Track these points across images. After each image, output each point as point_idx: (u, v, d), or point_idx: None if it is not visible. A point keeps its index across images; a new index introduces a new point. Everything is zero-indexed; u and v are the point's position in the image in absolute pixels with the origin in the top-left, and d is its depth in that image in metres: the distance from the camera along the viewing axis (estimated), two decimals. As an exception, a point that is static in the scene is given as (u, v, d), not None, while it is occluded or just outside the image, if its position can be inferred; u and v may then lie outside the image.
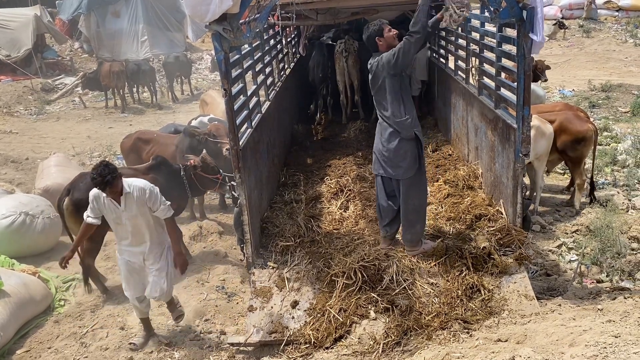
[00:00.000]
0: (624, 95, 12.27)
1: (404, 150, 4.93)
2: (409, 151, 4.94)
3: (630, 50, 18.13)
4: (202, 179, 6.14)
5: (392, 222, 5.23)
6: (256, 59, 6.60)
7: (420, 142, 5.01)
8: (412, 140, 4.93)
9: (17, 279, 5.38)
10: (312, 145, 8.83)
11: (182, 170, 6.12)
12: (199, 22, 4.40)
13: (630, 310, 3.98)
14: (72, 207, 5.60)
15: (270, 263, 5.26)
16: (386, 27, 4.91)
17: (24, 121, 13.82)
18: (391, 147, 4.94)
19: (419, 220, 5.16)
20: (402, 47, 4.69)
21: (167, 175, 6.05)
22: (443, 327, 4.41)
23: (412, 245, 5.16)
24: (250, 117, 5.91)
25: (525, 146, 4.89)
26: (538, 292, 4.92)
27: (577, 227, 6.51)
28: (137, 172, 5.99)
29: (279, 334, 4.58)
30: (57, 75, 18.22)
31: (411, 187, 5.03)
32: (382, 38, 4.88)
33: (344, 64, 9.34)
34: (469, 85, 6.97)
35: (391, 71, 4.77)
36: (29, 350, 4.93)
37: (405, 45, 4.68)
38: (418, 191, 5.11)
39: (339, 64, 9.38)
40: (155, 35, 20.43)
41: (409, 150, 4.94)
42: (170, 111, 14.29)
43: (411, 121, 4.92)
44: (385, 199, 5.16)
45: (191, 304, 5.39)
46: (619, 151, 8.57)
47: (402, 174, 4.98)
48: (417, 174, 5.02)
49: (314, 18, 7.63)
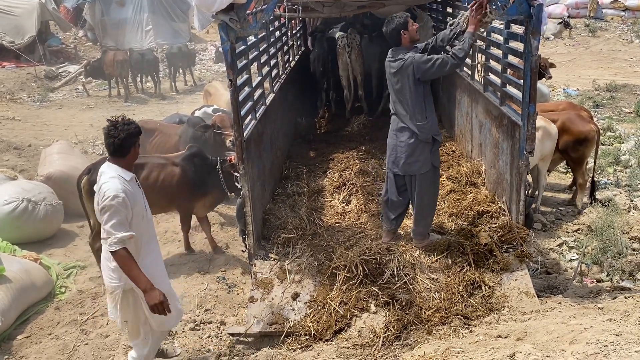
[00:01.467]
0: (628, 95, 12.23)
1: (420, 148, 4.93)
2: (425, 148, 4.95)
3: (636, 50, 18.06)
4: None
5: (400, 215, 5.28)
6: (261, 50, 6.58)
7: (438, 142, 5.05)
8: (428, 142, 4.95)
9: (18, 265, 5.39)
10: (315, 139, 8.82)
11: (219, 164, 5.98)
12: (206, 11, 4.39)
13: (631, 310, 3.99)
14: (88, 187, 5.49)
15: (271, 255, 5.26)
16: (410, 21, 4.88)
17: (27, 108, 13.81)
18: (406, 143, 4.92)
19: (431, 214, 5.23)
20: (441, 62, 4.66)
21: (200, 167, 5.96)
22: (443, 322, 4.43)
23: (422, 238, 5.19)
24: (254, 108, 5.90)
25: (529, 144, 4.88)
26: (538, 290, 4.92)
27: (579, 226, 6.51)
28: (168, 161, 5.99)
29: (279, 325, 4.59)
30: (60, 62, 18.18)
31: (426, 182, 5.06)
32: (407, 32, 4.84)
33: (347, 59, 9.29)
34: (474, 82, 6.95)
35: (419, 77, 4.75)
36: (30, 336, 4.95)
37: (444, 62, 4.66)
38: (433, 186, 5.16)
39: (341, 58, 9.32)
40: (159, 25, 20.39)
41: (425, 148, 4.94)
42: (174, 101, 14.28)
43: (430, 125, 4.93)
44: (396, 193, 5.17)
45: (191, 293, 5.40)
46: (622, 151, 8.57)
47: (417, 169, 4.99)
48: (432, 168, 5.05)
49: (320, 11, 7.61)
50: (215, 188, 6.03)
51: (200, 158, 6.04)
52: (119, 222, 3.54)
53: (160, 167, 5.89)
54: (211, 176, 5.97)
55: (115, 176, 3.62)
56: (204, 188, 6.00)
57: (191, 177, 5.93)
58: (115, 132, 3.60)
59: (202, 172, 5.96)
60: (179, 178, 5.90)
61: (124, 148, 3.64)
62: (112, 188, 3.55)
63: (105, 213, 3.54)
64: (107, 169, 3.68)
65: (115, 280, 3.74)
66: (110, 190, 3.54)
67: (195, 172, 5.94)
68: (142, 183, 5.77)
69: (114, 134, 3.60)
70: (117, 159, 3.69)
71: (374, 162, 7.20)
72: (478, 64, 6.88)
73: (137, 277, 3.59)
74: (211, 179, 5.98)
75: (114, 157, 3.69)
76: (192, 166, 5.95)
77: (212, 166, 6.00)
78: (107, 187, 3.56)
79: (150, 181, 5.79)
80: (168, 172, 5.90)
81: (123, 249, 3.56)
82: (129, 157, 3.71)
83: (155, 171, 5.86)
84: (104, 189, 3.56)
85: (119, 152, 3.66)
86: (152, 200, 5.89)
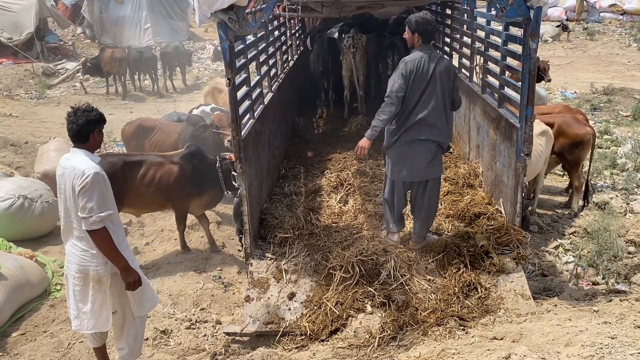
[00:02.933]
0: (625, 99, 12.28)
1: (439, 153, 5.07)
2: (440, 152, 5.08)
3: (634, 54, 18.11)
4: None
5: (402, 217, 5.38)
6: (260, 49, 6.58)
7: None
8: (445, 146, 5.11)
9: (14, 262, 5.37)
10: (313, 139, 8.81)
11: (218, 163, 5.98)
12: (207, 9, 4.38)
13: (626, 313, 4.00)
14: None
15: (268, 254, 5.26)
16: None
17: (24, 105, 13.76)
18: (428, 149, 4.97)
19: (434, 216, 5.36)
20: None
21: (198, 166, 5.97)
22: (439, 324, 4.43)
23: (423, 240, 5.25)
24: (252, 107, 5.89)
25: (527, 146, 4.89)
26: (534, 292, 4.93)
27: (575, 229, 6.52)
28: (166, 159, 5.98)
29: (275, 325, 4.59)
30: (58, 59, 18.12)
31: (437, 185, 5.23)
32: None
33: (351, 59, 9.28)
34: (473, 84, 6.96)
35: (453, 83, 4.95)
36: (24, 333, 4.93)
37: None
38: (439, 188, 5.35)
39: (346, 58, 9.31)
40: (158, 23, 20.35)
41: (440, 152, 5.08)
42: (172, 100, 14.25)
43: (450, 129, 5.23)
44: (403, 197, 5.25)
45: (187, 292, 5.39)
46: (618, 155, 8.59)
47: (434, 173, 5.10)
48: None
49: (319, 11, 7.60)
50: (213, 187, 6.03)
51: (198, 157, 6.03)
52: (100, 201, 3.54)
53: (157, 165, 5.89)
54: (209, 175, 5.97)
55: (87, 158, 3.64)
56: (201, 187, 6.00)
57: (189, 176, 5.92)
58: (74, 118, 3.64)
59: (200, 171, 5.96)
60: (177, 176, 5.89)
61: (82, 134, 3.66)
62: (91, 166, 3.56)
63: (86, 192, 3.51)
64: (74, 153, 3.68)
65: (101, 266, 3.72)
66: (89, 168, 3.54)
67: (193, 171, 5.93)
68: (139, 180, 5.80)
69: (73, 119, 3.64)
70: (79, 145, 3.71)
71: (372, 162, 7.21)
72: (476, 66, 6.89)
73: (117, 256, 3.65)
74: (209, 178, 5.97)
75: (76, 143, 3.72)
76: (190, 165, 5.94)
77: (211, 165, 6.00)
78: (85, 165, 3.55)
79: (147, 179, 5.80)
80: (165, 170, 5.89)
81: (104, 228, 3.58)
82: (89, 143, 3.71)
83: (152, 169, 5.85)
84: (82, 168, 3.54)
85: (78, 138, 3.68)
86: (149, 197, 5.91)
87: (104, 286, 3.76)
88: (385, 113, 4.77)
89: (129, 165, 5.80)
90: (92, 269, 3.73)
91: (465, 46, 7.39)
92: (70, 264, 3.79)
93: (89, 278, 3.73)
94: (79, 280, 3.76)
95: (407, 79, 4.75)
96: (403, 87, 4.74)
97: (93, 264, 3.72)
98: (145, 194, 5.86)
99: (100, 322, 3.81)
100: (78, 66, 16.12)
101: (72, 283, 3.79)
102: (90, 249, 3.69)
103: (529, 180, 6.16)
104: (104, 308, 3.79)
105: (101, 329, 3.90)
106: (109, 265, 3.72)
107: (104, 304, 3.79)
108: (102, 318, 3.80)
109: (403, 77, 4.75)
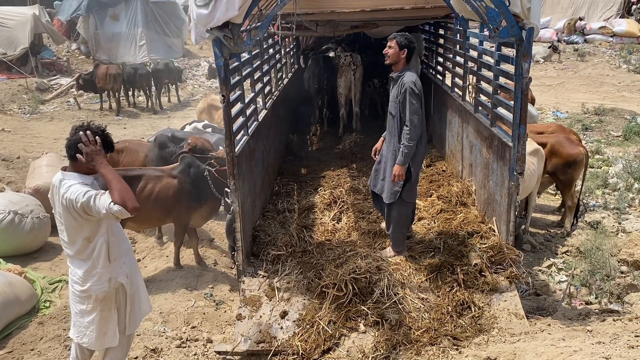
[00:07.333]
0: (616, 119, 12.40)
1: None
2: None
3: (624, 75, 18.36)
4: (222, 174, 5.88)
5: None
6: (255, 67, 6.61)
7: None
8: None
9: (2, 278, 5.30)
10: (306, 156, 8.83)
11: (205, 171, 5.98)
12: (203, 27, 4.41)
13: (620, 333, 3.99)
14: None
15: (260, 272, 5.22)
16: None
17: (17, 120, 13.72)
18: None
19: None
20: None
21: (195, 177, 5.96)
22: (432, 343, 4.39)
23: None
24: (246, 124, 5.90)
25: (520, 164, 4.91)
26: (527, 311, 4.91)
27: (568, 248, 6.53)
28: (164, 173, 5.96)
29: (267, 344, 4.53)
30: (52, 75, 18.16)
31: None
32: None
33: (351, 77, 9.39)
34: (465, 103, 7.01)
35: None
36: (12, 351, 4.84)
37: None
38: None
39: (345, 77, 9.41)
40: (153, 40, 20.47)
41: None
42: (165, 116, 14.26)
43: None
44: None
45: (178, 310, 5.33)
46: (610, 174, 8.64)
47: None
48: None
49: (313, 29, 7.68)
50: (210, 196, 6.03)
51: (194, 168, 6.04)
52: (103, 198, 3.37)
53: (156, 180, 5.86)
54: (205, 185, 5.98)
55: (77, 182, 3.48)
56: (200, 198, 5.99)
57: (189, 189, 5.92)
58: (70, 136, 3.56)
59: (197, 182, 5.95)
60: (177, 190, 5.88)
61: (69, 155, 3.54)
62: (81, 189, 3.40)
63: (88, 201, 3.35)
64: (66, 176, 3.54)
65: (105, 284, 3.65)
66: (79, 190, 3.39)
67: (192, 183, 5.93)
68: (137, 195, 5.75)
69: (69, 137, 3.56)
70: (71, 164, 3.57)
71: (365, 180, 7.21)
72: (469, 85, 6.95)
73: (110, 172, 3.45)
74: (205, 188, 5.98)
75: (70, 161, 3.58)
76: (189, 177, 5.94)
77: (203, 175, 6.00)
78: (75, 189, 3.40)
79: (145, 193, 5.75)
80: (164, 184, 5.87)
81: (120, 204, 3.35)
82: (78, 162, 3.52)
83: (150, 183, 5.82)
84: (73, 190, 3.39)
85: (69, 156, 3.56)
86: (148, 213, 5.86)
87: (109, 303, 3.71)
88: (412, 139, 4.94)
89: (128, 180, 5.74)
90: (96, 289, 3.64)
91: (458, 65, 7.47)
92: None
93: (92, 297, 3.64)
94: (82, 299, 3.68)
95: (420, 99, 4.96)
96: (420, 109, 4.95)
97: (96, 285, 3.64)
98: (144, 208, 5.82)
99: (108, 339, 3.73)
100: (72, 82, 16.13)
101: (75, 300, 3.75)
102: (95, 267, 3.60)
103: (521, 198, 6.18)
104: (110, 325, 3.72)
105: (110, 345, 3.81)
106: (113, 282, 3.65)
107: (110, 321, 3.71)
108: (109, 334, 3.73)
109: (418, 97, 4.94)
